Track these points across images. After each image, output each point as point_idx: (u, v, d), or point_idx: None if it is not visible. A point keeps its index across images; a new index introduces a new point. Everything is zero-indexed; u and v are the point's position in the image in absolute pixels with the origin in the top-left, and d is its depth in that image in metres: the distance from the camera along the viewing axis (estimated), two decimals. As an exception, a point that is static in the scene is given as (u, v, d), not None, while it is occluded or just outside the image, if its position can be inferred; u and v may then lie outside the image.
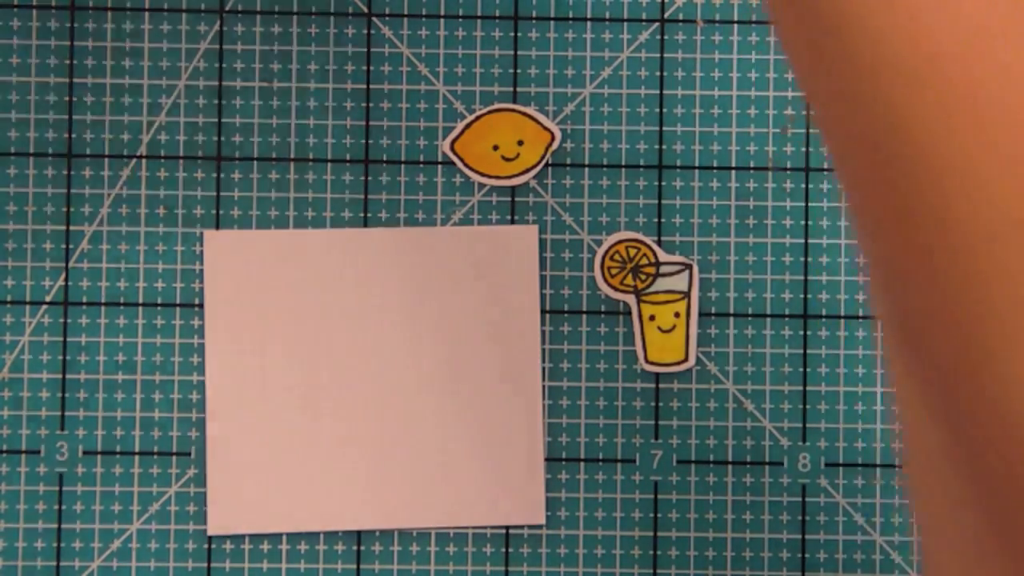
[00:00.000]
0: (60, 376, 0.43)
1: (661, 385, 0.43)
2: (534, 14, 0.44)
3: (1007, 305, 0.21)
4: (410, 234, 0.43)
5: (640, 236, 0.43)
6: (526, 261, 0.43)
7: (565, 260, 0.43)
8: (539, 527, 0.43)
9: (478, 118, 0.43)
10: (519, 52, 0.44)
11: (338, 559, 0.43)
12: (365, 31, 0.44)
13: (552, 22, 0.44)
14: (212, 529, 0.43)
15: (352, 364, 0.41)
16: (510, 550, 0.43)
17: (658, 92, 0.44)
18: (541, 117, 0.43)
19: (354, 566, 0.43)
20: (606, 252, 0.43)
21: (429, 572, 0.43)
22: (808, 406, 0.43)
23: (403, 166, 0.43)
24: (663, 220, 0.43)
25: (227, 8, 0.44)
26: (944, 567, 0.26)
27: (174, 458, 0.43)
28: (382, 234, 0.43)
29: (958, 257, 0.22)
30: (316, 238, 0.43)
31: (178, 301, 0.43)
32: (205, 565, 0.43)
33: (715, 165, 0.44)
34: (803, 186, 0.44)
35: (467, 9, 0.44)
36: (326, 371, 0.42)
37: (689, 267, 0.43)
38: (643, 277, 0.43)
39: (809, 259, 0.43)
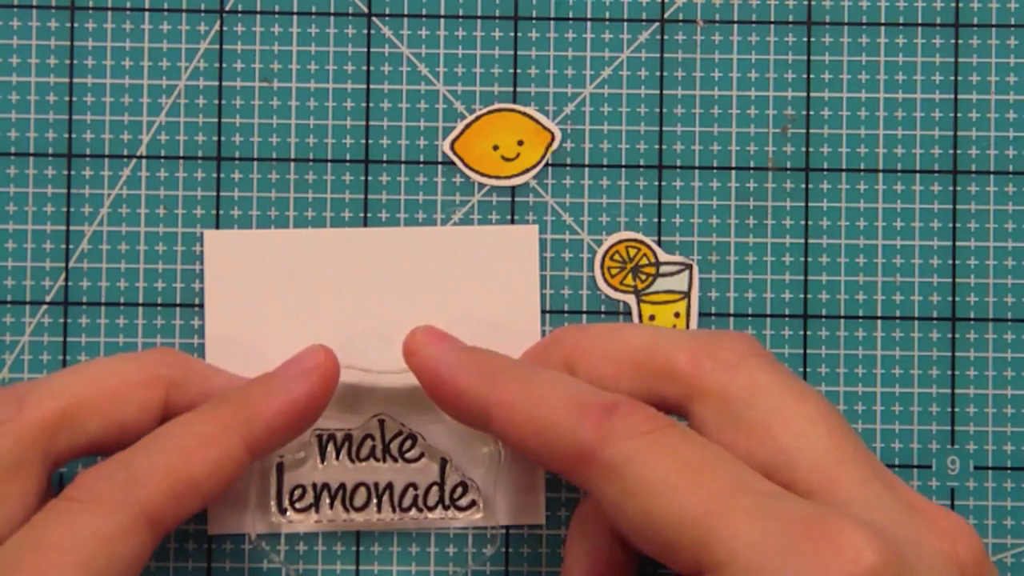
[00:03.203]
0: (60, 376, 0.43)
1: (661, 385, 0.43)
2: (534, 14, 0.44)
3: None
4: (410, 234, 0.43)
5: (640, 236, 0.43)
6: (526, 261, 0.43)
7: (565, 260, 0.43)
8: (539, 527, 0.43)
9: (478, 118, 0.43)
10: (519, 52, 0.44)
11: (338, 559, 0.43)
12: (365, 31, 0.44)
13: (552, 22, 0.44)
14: (212, 529, 0.42)
15: (351, 363, 0.41)
16: (510, 550, 0.43)
17: (658, 92, 0.44)
18: (541, 117, 0.43)
19: (354, 566, 0.43)
20: (606, 252, 0.43)
21: (429, 572, 0.43)
22: (808, 406, 0.43)
23: (403, 166, 0.43)
24: (663, 220, 0.43)
25: (227, 8, 0.44)
26: None
27: (174, 458, 0.43)
28: (382, 234, 0.43)
29: None
30: (316, 238, 0.43)
31: (178, 301, 0.43)
32: (205, 565, 0.43)
33: (715, 165, 0.44)
34: (803, 186, 0.44)
35: (467, 9, 0.44)
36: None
37: (689, 267, 0.43)
38: (643, 277, 0.43)
39: (809, 259, 0.43)
